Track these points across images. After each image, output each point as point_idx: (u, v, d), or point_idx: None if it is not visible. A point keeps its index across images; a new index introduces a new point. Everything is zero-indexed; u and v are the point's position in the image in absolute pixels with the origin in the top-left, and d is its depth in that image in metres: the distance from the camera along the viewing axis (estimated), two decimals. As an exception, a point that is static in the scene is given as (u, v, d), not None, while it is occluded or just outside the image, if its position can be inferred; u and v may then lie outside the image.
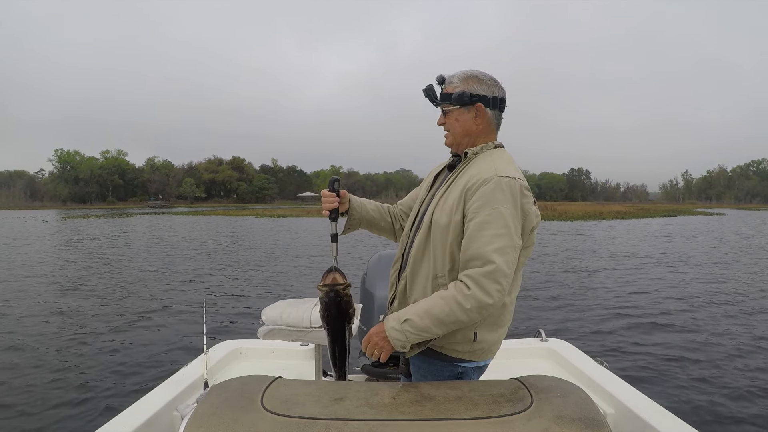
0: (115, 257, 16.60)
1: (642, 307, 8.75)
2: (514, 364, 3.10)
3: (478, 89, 1.78)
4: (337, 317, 1.77)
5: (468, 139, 1.82)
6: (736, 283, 11.24)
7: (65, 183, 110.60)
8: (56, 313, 8.39)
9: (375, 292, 2.79)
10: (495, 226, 1.60)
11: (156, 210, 77.30)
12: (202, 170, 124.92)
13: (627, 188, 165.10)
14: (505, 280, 1.58)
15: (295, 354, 3.48)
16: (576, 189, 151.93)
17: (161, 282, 11.56)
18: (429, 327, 1.60)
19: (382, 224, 2.09)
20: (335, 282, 1.75)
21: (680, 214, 57.54)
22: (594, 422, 1.27)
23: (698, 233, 27.67)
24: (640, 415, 2.42)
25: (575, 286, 10.73)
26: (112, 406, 4.38)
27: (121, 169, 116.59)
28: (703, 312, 8.40)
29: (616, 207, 69.11)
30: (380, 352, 1.68)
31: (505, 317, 1.77)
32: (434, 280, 1.72)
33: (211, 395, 1.44)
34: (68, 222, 42.38)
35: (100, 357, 6.02)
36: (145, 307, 8.78)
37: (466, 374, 1.77)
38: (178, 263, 14.92)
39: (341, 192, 1.94)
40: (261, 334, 2.60)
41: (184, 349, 6.14)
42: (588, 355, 3.33)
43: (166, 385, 2.78)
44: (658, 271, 13.18)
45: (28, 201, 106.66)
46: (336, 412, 1.34)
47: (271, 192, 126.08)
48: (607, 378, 2.92)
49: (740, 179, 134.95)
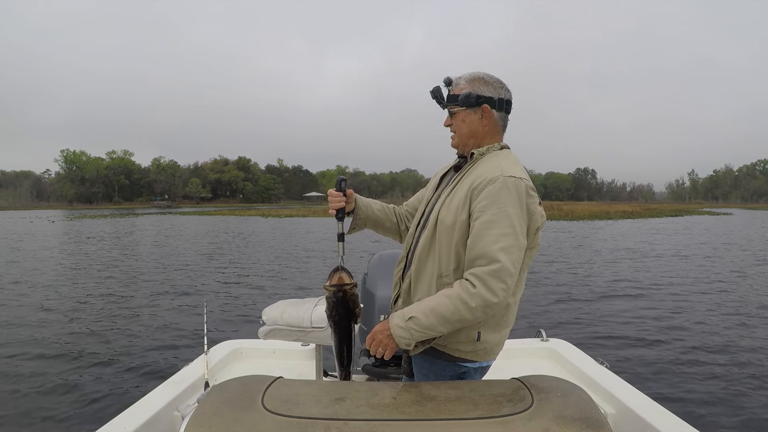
0: (118, 257, 16.69)
1: (643, 307, 8.73)
2: (515, 364, 3.09)
3: (485, 91, 1.79)
4: (344, 317, 1.78)
5: (474, 140, 1.83)
6: (738, 284, 11.18)
7: (71, 183, 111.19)
8: (57, 312, 8.43)
9: (376, 292, 2.79)
10: (501, 225, 1.60)
11: (162, 210, 77.61)
12: (208, 170, 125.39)
13: (633, 188, 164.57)
14: (510, 279, 1.58)
15: (295, 354, 3.47)
16: (582, 189, 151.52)
17: (162, 282, 11.60)
18: (434, 325, 1.61)
19: (388, 224, 2.10)
20: (342, 281, 1.75)
21: (687, 214, 57.29)
22: (594, 422, 1.27)
23: (704, 233, 27.54)
24: (641, 415, 2.41)
25: (576, 286, 10.71)
26: (113, 406, 4.39)
27: (127, 169, 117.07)
28: (704, 312, 8.37)
29: (623, 207, 68.87)
30: (384, 349, 1.68)
31: (509, 318, 1.77)
32: (439, 279, 1.73)
33: (211, 395, 1.44)
34: (74, 222, 42.61)
35: (101, 357, 6.04)
36: (145, 307, 8.82)
37: (468, 374, 1.78)
38: (180, 263, 14.97)
39: (348, 191, 1.95)
40: (262, 334, 2.60)
41: (185, 349, 6.17)
42: (588, 355, 3.32)
43: (167, 385, 2.78)
44: (659, 271, 13.13)
45: (35, 201, 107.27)
46: (337, 412, 1.34)
47: (277, 192, 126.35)
48: (607, 378, 2.91)
49: (747, 179, 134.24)
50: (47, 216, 54.70)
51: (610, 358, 3.77)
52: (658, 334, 6.99)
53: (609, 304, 8.91)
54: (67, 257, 16.74)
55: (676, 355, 6.06)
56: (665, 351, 6.20)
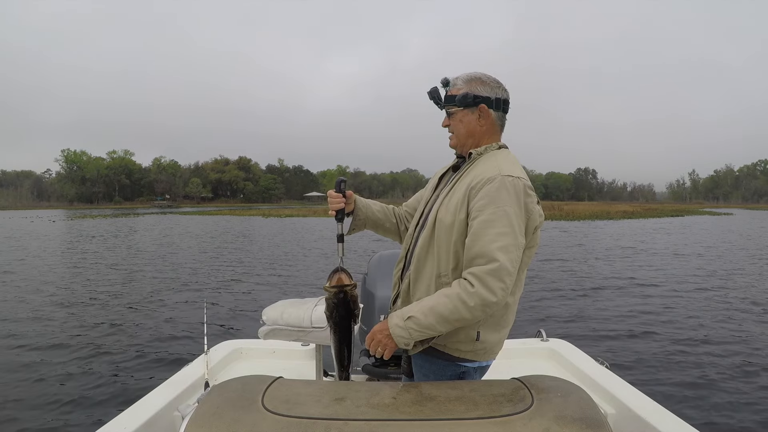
0: (118, 257, 16.69)
1: (643, 307, 8.73)
2: (515, 364, 3.09)
3: (482, 91, 1.79)
4: (344, 318, 1.78)
5: (472, 140, 1.83)
6: (739, 284, 11.17)
7: (72, 183, 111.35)
8: (57, 312, 8.44)
9: (376, 292, 2.79)
10: (499, 224, 1.60)
11: (162, 210, 77.65)
12: (209, 170, 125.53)
13: (634, 188, 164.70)
14: (508, 278, 1.58)
15: (295, 354, 3.47)
16: (583, 189, 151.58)
17: (163, 282, 11.61)
18: (432, 324, 1.61)
19: (387, 225, 2.10)
20: (341, 282, 1.75)
21: (688, 214, 57.27)
22: (595, 422, 1.27)
23: (704, 234, 27.52)
24: (641, 415, 2.41)
25: (576, 286, 10.71)
26: (113, 406, 4.40)
27: (127, 169, 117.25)
28: (705, 312, 8.36)
29: (624, 207, 68.82)
30: (384, 349, 1.69)
31: (508, 318, 1.77)
32: (438, 279, 1.73)
33: (211, 395, 1.44)
34: (75, 222, 42.62)
35: (101, 357, 6.05)
36: (146, 307, 8.82)
37: (468, 374, 1.77)
38: (180, 263, 14.98)
39: (347, 193, 1.95)
40: (262, 334, 2.59)
41: (185, 349, 6.18)
42: (589, 355, 3.32)
43: (167, 385, 2.77)
44: (660, 271, 13.13)
45: (35, 201, 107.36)
46: (337, 412, 1.34)
47: (278, 192, 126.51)
48: (607, 378, 2.90)
49: (747, 179, 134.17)
50: (48, 216, 54.71)
51: (610, 358, 3.77)
52: (659, 334, 6.98)
53: (609, 304, 8.91)
54: (67, 257, 16.74)
55: (676, 355, 6.06)
56: (665, 351, 6.19)
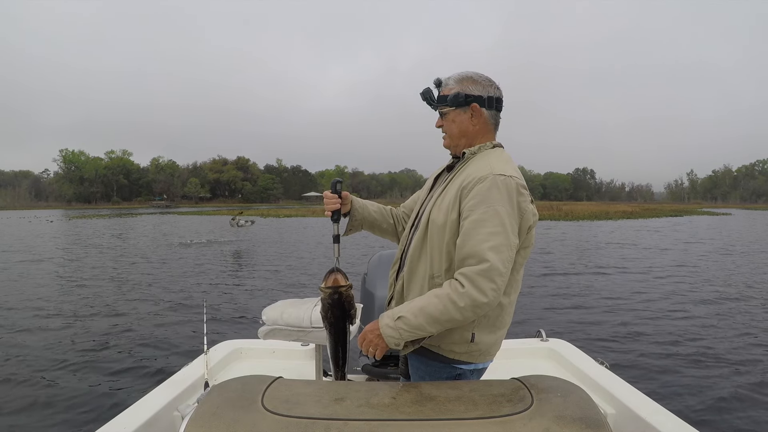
0: (117, 257, 16.65)
1: (643, 307, 8.73)
2: (515, 364, 3.09)
3: (474, 90, 1.78)
4: (340, 318, 1.77)
5: (465, 140, 1.82)
6: (739, 284, 11.18)
7: (70, 183, 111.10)
8: (56, 312, 8.42)
9: (375, 292, 2.79)
10: (490, 224, 1.59)
11: (161, 210, 77.53)
12: (207, 170, 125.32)
13: (632, 188, 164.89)
14: (500, 279, 1.56)
15: (295, 354, 3.47)
16: (581, 189, 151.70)
17: (162, 282, 11.58)
18: (422, 325, 1.59)
19: (384, 226, 2.09)
20: (337, 283, 1.75)
21: (686, 214, 57.32)
22: (594, 422, 1.26)
23: (704, 233, 27.55)
24: (641, 415, 2.41)
25: (576, 286, 10.70)
26: (113, 406, 4.40)
27: (125, 169, 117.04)
28: (705, 312, 8.37)
29: (622, 207, 68.86)
30: (375, 349, 1.67)
31: (504, 319, 1.75)
32: (431, 280, 1.72)
33: (211, 395, 1.44)
34: (73, 222, 42.53)
35: (101, 357, 6.04)
36: (145, 307, 8.80)
37: (464, 376, 1.76)
38: (179, 263, 14.96)
39: (343, 193, 1.94)
40: (261, 334, 2.59)
41: (185, 349, 6.17)
42: (588, 355, 3.32)
43: (167, 385, 2.77)
44: (660, 271, 13.13)
45: (33, 201, 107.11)
46: (336, 412, 1.34)
47: (276, 192, 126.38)
48: (607, 378, 2.90)
49: (745, 179, 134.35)
50: (46, 216, 54.59)
51: (610, 358, 3.77)
52: (659, 334, 6.99)
53: (609, 304, 8.90)
54: (66, 257, 16.71)
55: (676, 355, 6.06)
56: (665, 351, 6.19)
